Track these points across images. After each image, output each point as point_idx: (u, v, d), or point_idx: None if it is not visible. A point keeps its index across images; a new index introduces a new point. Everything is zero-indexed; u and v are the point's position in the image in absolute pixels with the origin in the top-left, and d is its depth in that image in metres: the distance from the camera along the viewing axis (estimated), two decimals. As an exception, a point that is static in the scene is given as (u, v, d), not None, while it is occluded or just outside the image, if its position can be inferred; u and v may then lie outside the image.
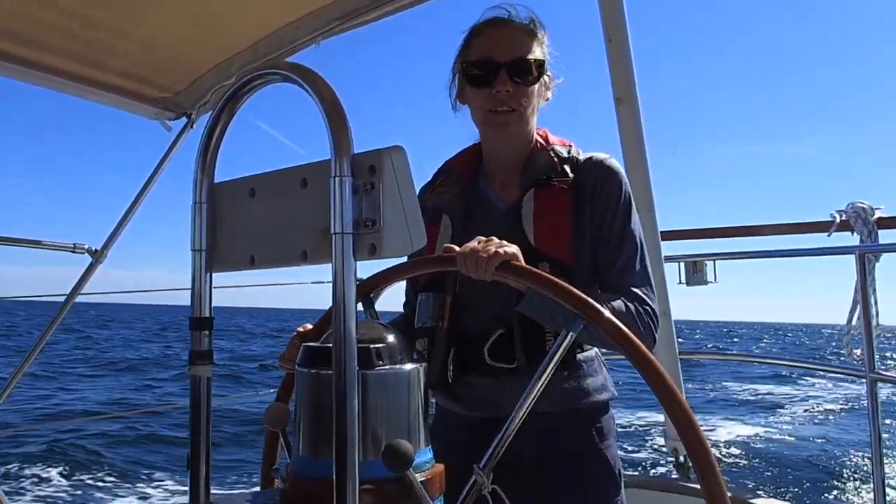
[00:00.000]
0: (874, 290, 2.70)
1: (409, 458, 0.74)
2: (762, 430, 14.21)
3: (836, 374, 3.77)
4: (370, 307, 1.30)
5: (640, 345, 0.90)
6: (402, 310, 1.62)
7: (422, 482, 0.79)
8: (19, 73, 2.15)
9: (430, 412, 1.45)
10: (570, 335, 1.03)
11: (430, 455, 0.86)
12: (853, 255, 2.71)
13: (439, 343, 1.38)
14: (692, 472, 2.88)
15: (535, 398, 1.03)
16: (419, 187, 1.54)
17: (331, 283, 0.68)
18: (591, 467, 1.41)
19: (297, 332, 1.31)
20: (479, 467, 1.00)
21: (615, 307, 1.30)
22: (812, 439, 13.04)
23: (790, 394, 21.51)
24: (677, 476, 2.90)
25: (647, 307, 1.34)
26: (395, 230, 0.70)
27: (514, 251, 1.15)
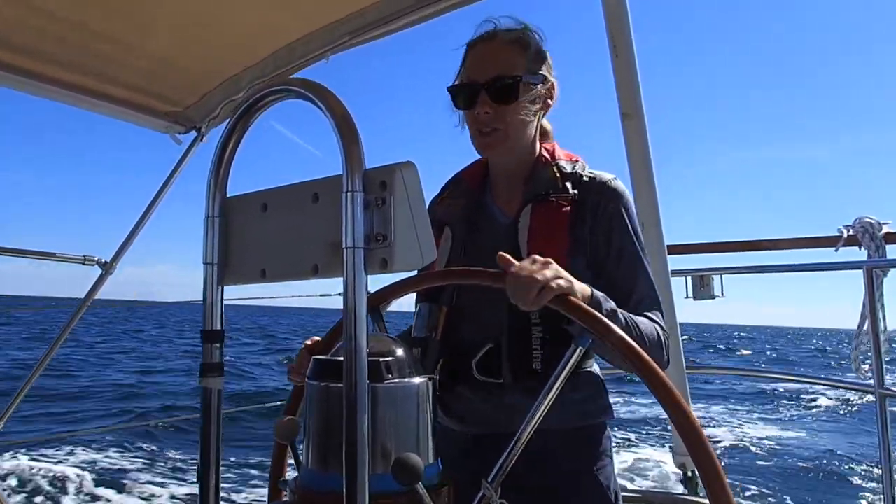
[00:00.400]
0: (882, 306, 2.69)
1: (418, 471, 0.75)
2: (766, 433, 14.11)
3: (845, 389, 3.74)
4: (378, 320, 1.30)
5: (651, 361, 0.90)
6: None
7: (431, 495, 0.79)
8: (31, 87, 2.18)
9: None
10: (578, 350, 1.02)
11: (438, 468, 0.86)
12: (861, 271, 2.71)
13: (430, 354, 1.37)
14: (700, 488, 2.86)
15: (545, 412, 1.02)
16: (429, 198, 1.54)
17: (339, 295, 0.69)
18: (587, 487, 1.39)
19: (306, 344, 1.31)
20: (487, 481, 1.00)
21: (648, 334, 1.27)
22: (819, 446, 12.89)
23: (796, 389, 21.18)
24: (685, 491, 2.89)
25: (664, 332, 1.33)
26: (406, 245, 0.70)
27: (569, 284, 1.09)
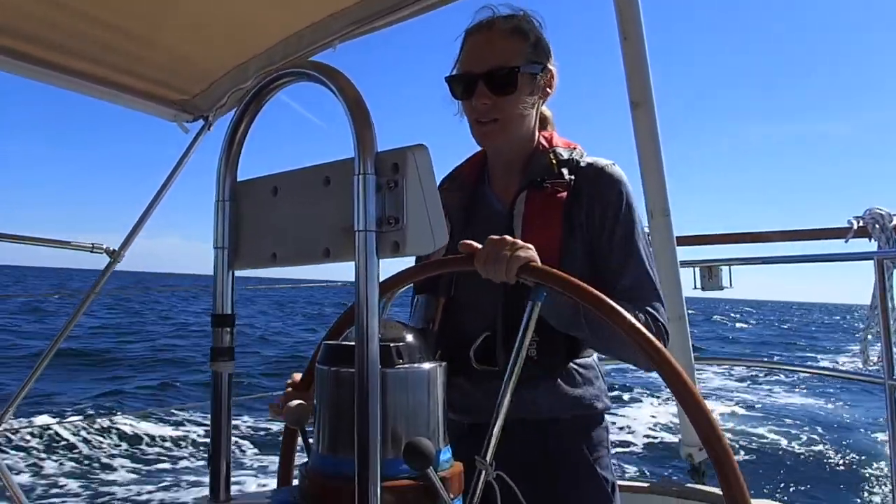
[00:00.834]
0: (893, 297, 2.67)
1: (430, 456, 0.74)
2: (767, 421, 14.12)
3: (854, 380, 3.73)
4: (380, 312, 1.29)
5: (665, 350, 0.89)
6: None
7: (441, 481, 0.79)
8: (42, 76, 2.18)
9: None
10: (536, 305, 1.06)
11: (449, 454, 0.86)
12: (871, 262, 2.69)
13: (428, 345, 1.38)
14: (706, 477, 2.86)
15: (520, 369, 1.07)
16: None
17: (337, 282, 0.69)
18: (583, 477, 1.38)
19: (288, 384, 1.27)
20: (479, 457, 1.02)
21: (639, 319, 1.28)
22: (823, 435, 12.87)
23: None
24: (693, 481, 2.89)
25: (659, 323, 1.32)
26: (418, 228, 0.70)
27: (532, 253, 1.14)
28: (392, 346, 0.81)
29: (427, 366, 0.84)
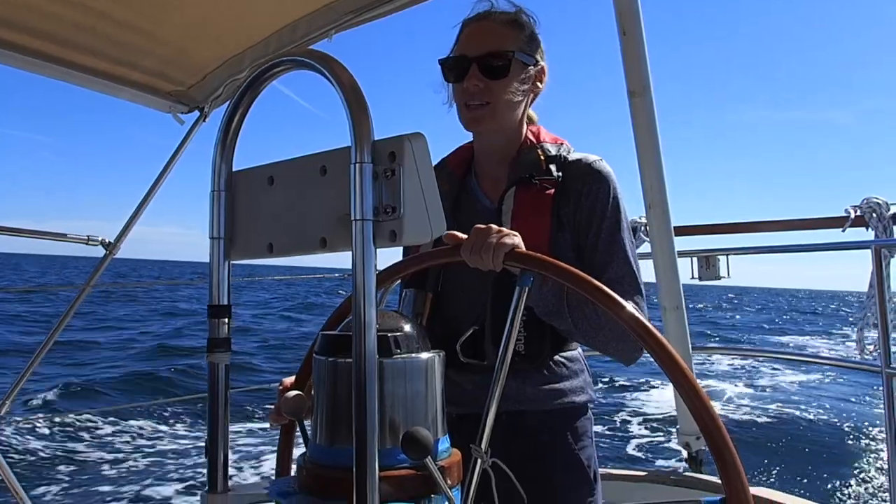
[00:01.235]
0: (889, 286, 2.67)
1: (428, 445, 0.74)
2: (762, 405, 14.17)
3: (851, 369, 3.74)
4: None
5: (661, 337, 0.89)
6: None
7: (440, 470, 0.79)
8: (37, 67, 2.16)
9: None
10: (524, 290, 1.05)
11: (448, 443, 0.85)
12: (868, 251, 2.69)
13: None
14: (704, 466, 2.87)
15: (510, 355, 1.06)
16: None
17: (332, 274, 0.68)
18: (565, 467, 1.41)
19: (282, 383, 1.26)
20: (475, 445, 1.02)
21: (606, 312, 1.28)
22: (822, 419, 12.91)
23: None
24: (689, 469, 2.90)
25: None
26: (415, 217, 0.70)
27: (517, 240, 1.14)
28: (390, 335, 0.81)
29: (425, 355, 0.84)
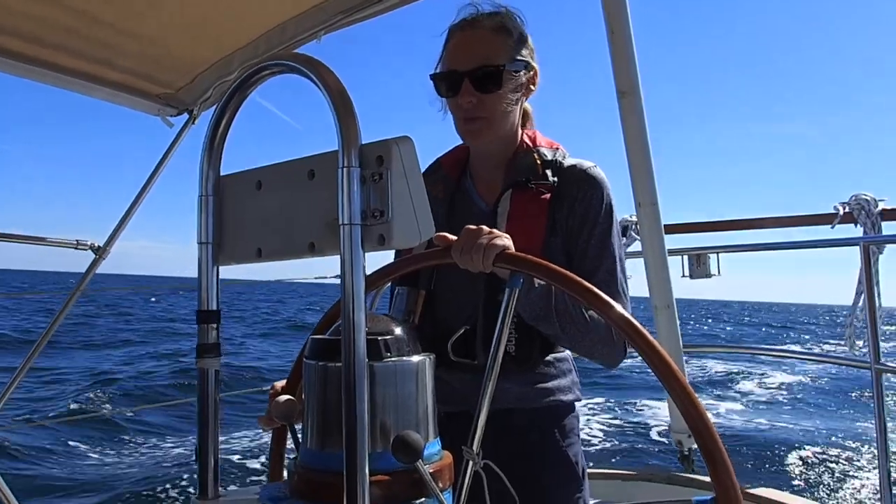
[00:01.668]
0: (878, 282, 2.69)
1: (418, 449, 0.74)
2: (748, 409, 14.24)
3: (840, 364, 3.76)
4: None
5: (650, 338, 0.89)
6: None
7: (431, 473, 0.78)
8: (21, 70, 2.15)
9: None
10: (514, 291, 1.06)
11: (438, 446, 0.85)
12: (857, 247, 2.71)
13: None
14: (696, 465, 2.88)
15: (500, 356, 1.08)
16: None
17: (323, 277, 0.68)
18: (554, 465, 1.42)
19: (273, 387, 1.26)
20: (466, 447, 1.02)
21: (593, 316, 1.29)
22: (812, 425, 13.01)
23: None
24: (681, 468, 2.91)
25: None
26: (403, 220, 0.69)
27: (508, 242, 1.14)
28: (380, 339, 0.81)
29: (415, 358, 0.84)
